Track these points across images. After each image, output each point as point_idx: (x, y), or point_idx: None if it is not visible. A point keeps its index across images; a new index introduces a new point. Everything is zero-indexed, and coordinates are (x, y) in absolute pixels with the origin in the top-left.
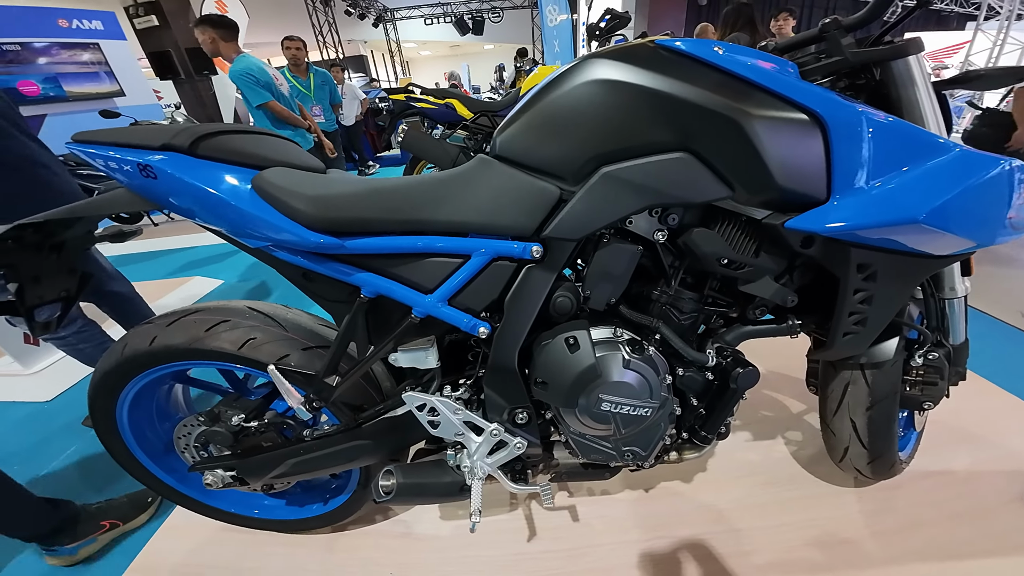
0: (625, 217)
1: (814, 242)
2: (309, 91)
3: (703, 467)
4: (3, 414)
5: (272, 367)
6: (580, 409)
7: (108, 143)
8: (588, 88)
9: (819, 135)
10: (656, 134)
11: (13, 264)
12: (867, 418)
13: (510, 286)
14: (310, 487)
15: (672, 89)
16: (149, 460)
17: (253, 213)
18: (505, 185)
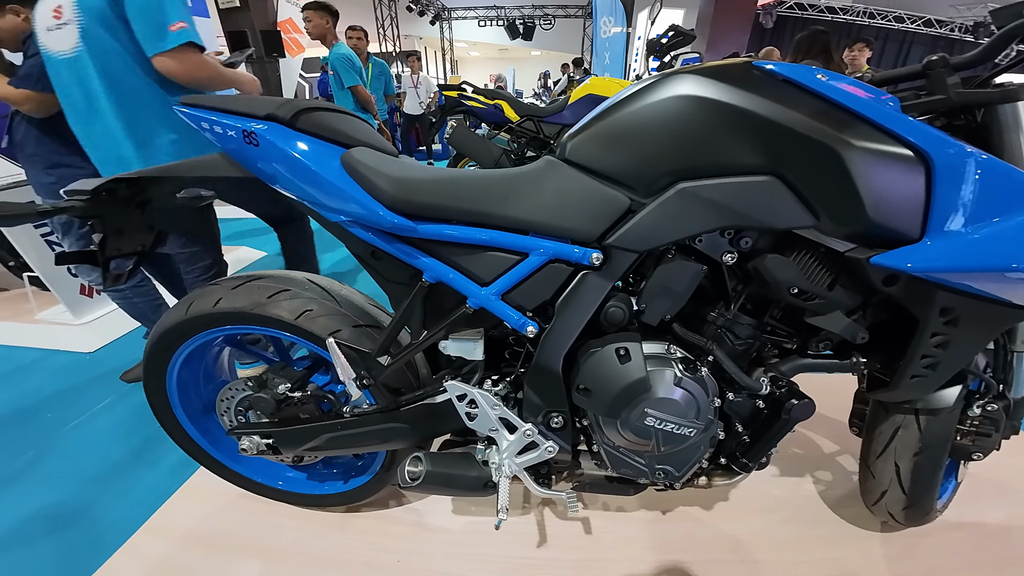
0: (696, 235)
1: (898, 280)
2: (366, 81)
3: (724, 496)
4: (47, 361)
5: (331, 340)
6: (622, 421)
7: (215, 108)
8: (677, 103)
9: (922, 173)
10: (744, 155)
11: (102, 215)
12: (913, 463)
13: (563, 289)
14: (333, 464)
15: (768, 112)
16: (187, 419)
17: (340, 187)
18: (572, 189)
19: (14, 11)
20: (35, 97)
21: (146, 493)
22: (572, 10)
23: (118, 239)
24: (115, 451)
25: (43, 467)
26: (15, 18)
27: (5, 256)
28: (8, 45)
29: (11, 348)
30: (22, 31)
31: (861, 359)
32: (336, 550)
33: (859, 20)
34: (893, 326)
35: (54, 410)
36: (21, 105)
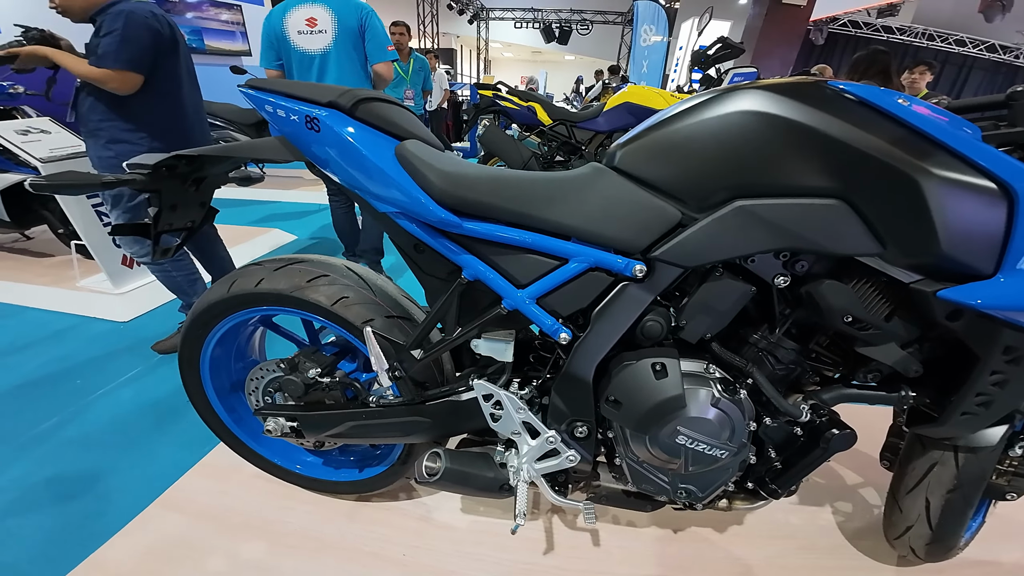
0: (750, 255)
1: (962, 316)
2: (406, 75)
3: (739, 520)
4: (83, 328)
5: (368, 330)
6: (652, 437)
7: (279, 92)
8: (743, 118)
9: (1004, 207)
10: (813, 177)
11: (160, 190)
12: (945, 500)
13: (601, 298)
14: (350, 452)
15: (842, 134)
16: (215, 395)
17: (394, 178)
18: (621, 198)
19: None
20: (118, 76)
21: (164, 466)
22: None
23: (171, 214)
24: (138, 421)
25: (66, 433)
26: None
27: (56, 223)
28: (74, 16)
29: (51, 313)
30: (92, 4)
31: (910, 393)
32: (344, 538)
33: (917, 42)
34: (948, 360)
35: (84, 376)
36: (107, 84)
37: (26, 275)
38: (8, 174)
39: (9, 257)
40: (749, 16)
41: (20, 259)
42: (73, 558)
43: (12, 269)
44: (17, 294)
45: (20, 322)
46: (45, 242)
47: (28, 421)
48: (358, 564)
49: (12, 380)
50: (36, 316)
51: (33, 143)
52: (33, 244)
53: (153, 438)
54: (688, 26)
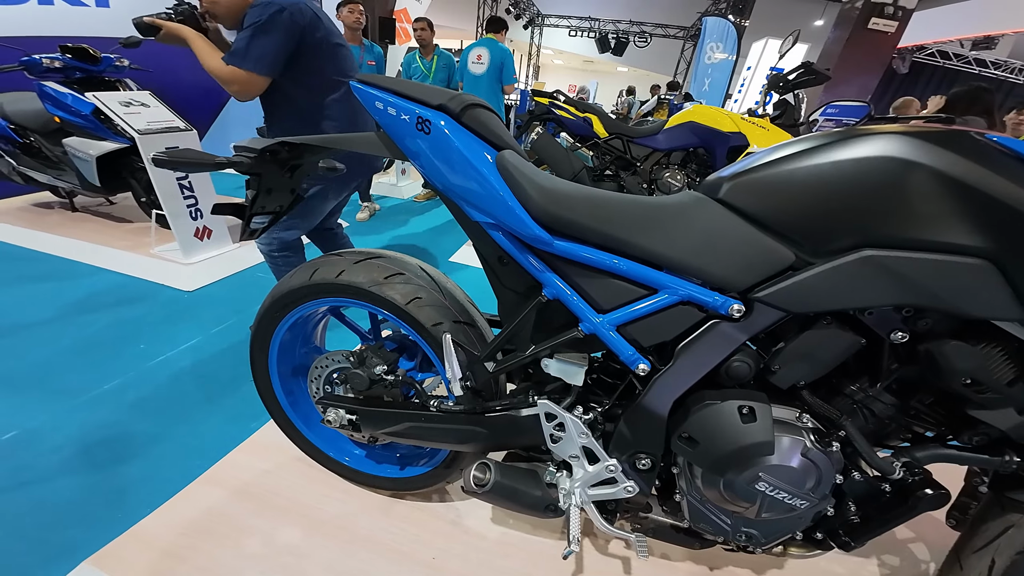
0: (870, 307)
1: None
2: (429, 72)
3: (779, 564)
4: (152, 295)
5: (448, 337)
6: (727, 480)
7: (390, 90)
8: (883, 164)
9: None
10: (958, 234)
11: (261, 174)
12: (1011, 561)
13: (688, 332)
14: (395, 449)
15: (998, 190)
16: (277, 376)
17: (496, 189)
18: (726, 233)
19: None
20: (242, 77)
21: (212, 438)
22: (673, 30)
23: (266, 197)
24: (193, 392)
25: (125, 396)
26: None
27: (140, 192)
28: (226, 21)
29: (124, 276)
30: (240, 8)
31: (1015, 458)
32: (376, 533)
33: (1014, 78)
34: None
35: (147, 341)
36: (229, 85)
37: (106, 238)
38: (106, 142)
39: (92, 220)
40: (828, 40)
41: (103, 222)
42: (119, 523)
43: (94, 231)
44: (95, 256)
45: (95, 282)
46: (127, 208)
47: (91, 380)
48: (388, 561)
49: (81, 338)
50: (110, 278)
51: (133, 115)
52: (115, 209)
53: (206, 409)
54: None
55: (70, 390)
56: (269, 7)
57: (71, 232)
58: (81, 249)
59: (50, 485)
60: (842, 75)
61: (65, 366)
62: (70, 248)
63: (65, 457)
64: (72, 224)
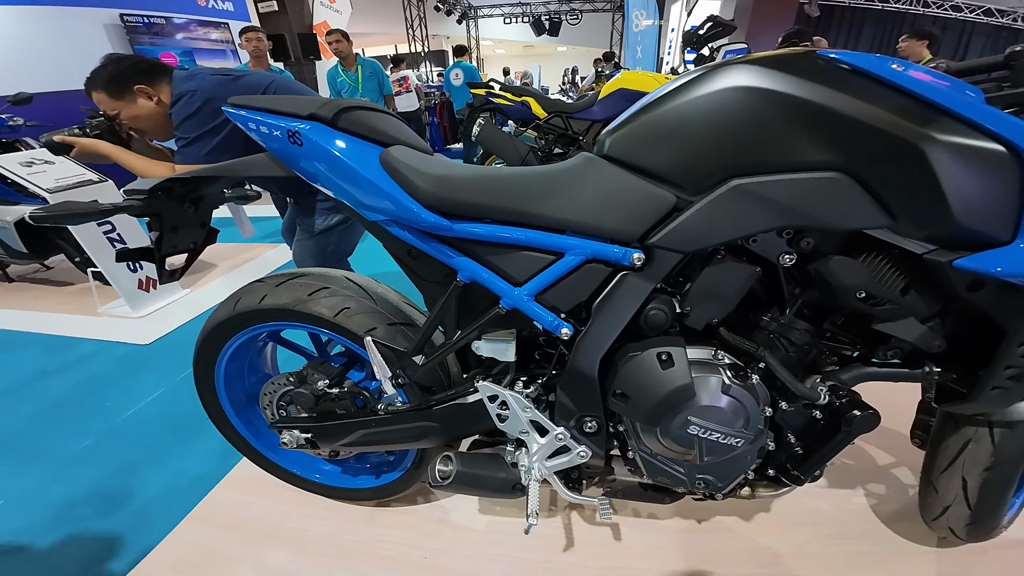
0: (751, 235)
1: (983, 286)
2: (357, 84)
3: (765, 507)
4: (108, 352)
5: (369, 339)
6: (662, 429)
7: (262, 109)
8: (734, 95)
9: (1016, 169)
10: (811, 151)
11: (159, 213)
12: (982, 479)
13: (600, 290)
14: (366, 460)
15: (839, 105)
16: (232, 410)
17: (379, 186)
18: (613, 187)
19: (144, 93)
20: None
21: (194, 480)
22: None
23: (173, 236)
24: (167, 439)
25: (101, 452)
26: (148, 102)
27: (72, 252)
28: (156, 134)
29: (75, 339)
30: (165, 117)
31: (935, 369)
32: (364, 543)
33: (912, 9)
34: (973, 333)
35: (112, 398)
36: None
37: (48, 304)
38: (19, 206)
39: (31, 287)
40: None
41: (41, 289)
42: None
43: (34, 299)
44: (41, 322)
45: (47, 350)
46: (65, 271)
47: (65, 442)
48: (378, 568)
49: (45, 403)
50: (61, 343)
51: (38, 174)
52: (53, 274)
53: (182, 454)
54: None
55: (44, 455)
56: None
57: (10, 303)
58: (24, 319)
59: (43, 547)
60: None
61: (34, 433)
62: (12, 320)
63: (52, 518)
64: (10, 295)
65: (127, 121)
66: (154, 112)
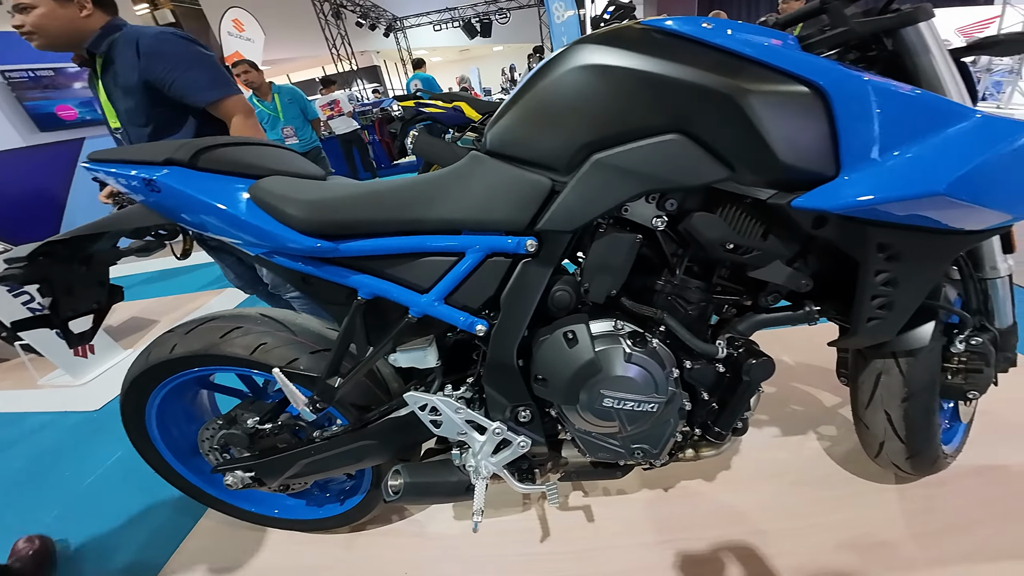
0: (620, 205)
1: (827, 222)
2: (277, 112)
3: (727, 465)
4: (57, 423)
5: (276, 370)
6: (582, 406)
7: (118, 160)
8: (575, 74)
9: (822, 107)
10: (647, 117)
11: (47, 278)
12: (903, 411)
13: (506, 282)
14: (327, 488)
15: (661, 69)
16: (178, 462)
17: (249, 221)
18: (496, 180)
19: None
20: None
21: (167, 534)
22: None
23: (70, 300)
24: (134, 499)
25: (68, 521)
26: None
27: None
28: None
29: (21, 414)
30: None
31: (814, 307)
32: (345, 569)
33: None
34: (840, 270)
35: (72, 467)
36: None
37: None
38: None
39: None
40: None
41: None
42: None
43: None
44: None
45: None
46: None
47: (29, 515)
48: None
49: (3, 482)
50: (6, 419)
51: None
52: None
53: (151, 511)
54: None
55: (11, 530)
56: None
57: None
58: None
59: None
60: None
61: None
62: None
63: None
64: None
65: (39, 17)
66: (73, 30)
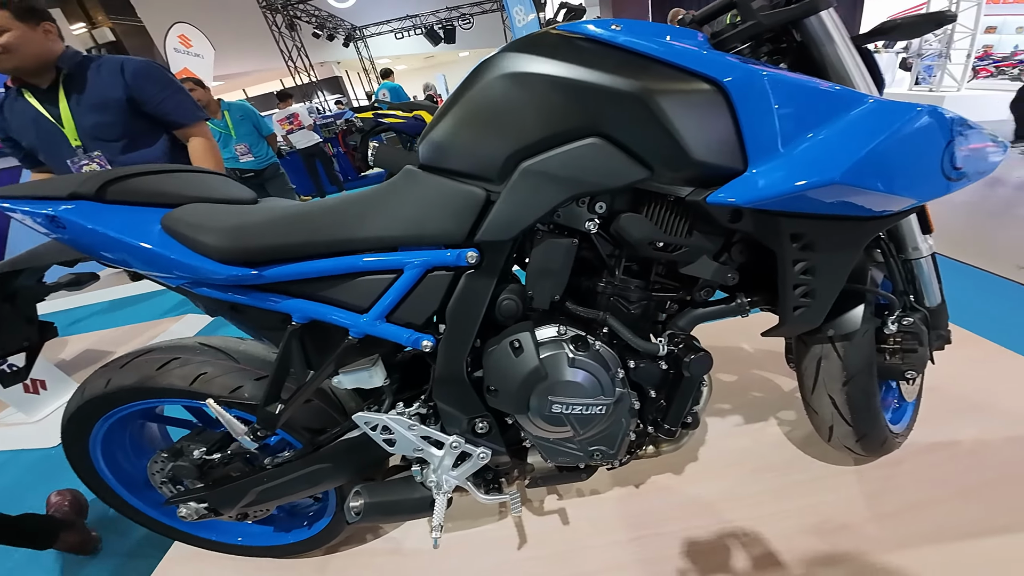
0: (551, 211)
1: (743, 215)
2: (228, 130)
3: (693, 457)
4: (14, 461)
5: (210, 401)
6: (532, 413)
7: (23, 196)
8: (497, 83)
9: (723, 102)
10: (566, 122)
11: None
12: (845, 394)
13: (449, 295)
14: (294, 512)
15: (574, 74)
16: (133, 496)
17: (160, 252)
18: (430, 194)
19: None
20: None
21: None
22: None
23: None
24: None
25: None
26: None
27: None
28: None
29: None
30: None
31: (746, 300)
32: None
33: None
34: (765, 262)
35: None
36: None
37: None
38: None
39: None
40: None
41: None
42: None
43: None
44: None
45: None
46: None
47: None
48: None
49: None
50: None
51: None
52: None
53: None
54: None
55: None
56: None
57: None
58: None
59: None
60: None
61: None
62: None
63: None
64: None
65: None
66: (41, 52)
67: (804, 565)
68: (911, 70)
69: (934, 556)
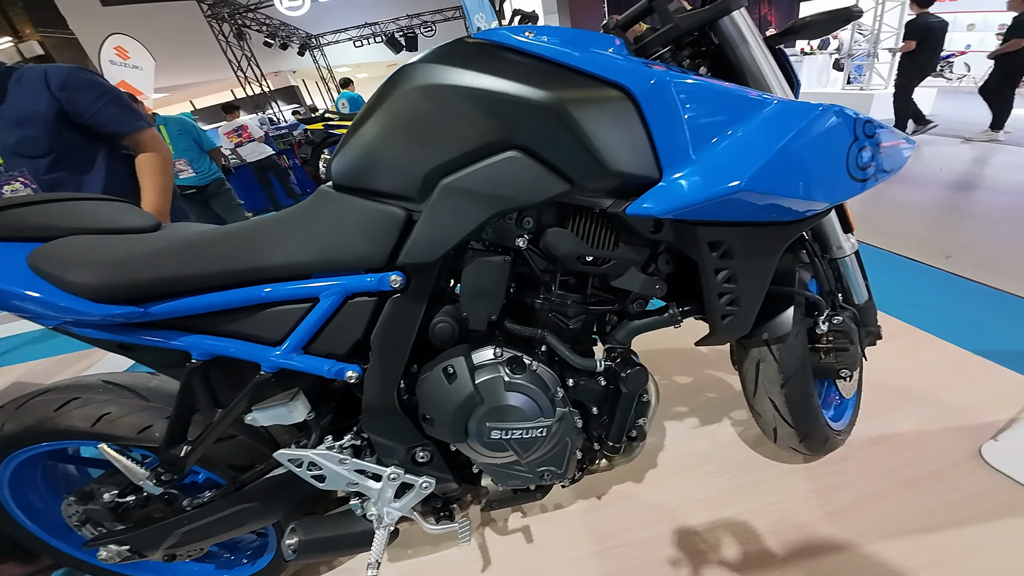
0: (478, 228)
1: (663, 226)
2: None
3: (652, 463)
4: None
5: (103, 446)
6: (472, 440)
7: None
8: (411, 96)
9: (633, 109)
10: (483, 136)
11: None
12: (784, 396)
13: (374, 321)
14: (235, 548)
15: (487, 84)
16: (56, 539)
17: (24, 292)
18: (346, 216)
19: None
20: None
21: None
22: (448, 13)
23: None
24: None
25: None
26: None
27: None
28: None
29: None
30: None
31: (678, 310)
32: None
33: None
34: (692, 271)
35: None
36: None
37: None
38: None
39: None
40: None
41: None
42: None
43: None
44: None
45: None
46: None
47: None
48: None
49: None
50: None
51: None
52: None
53: None
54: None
55: None
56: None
57: None
58: None
59: None
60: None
61: None
62: None
63: None
64: None
65: None
66: None
67: (765, 565)
68: (843, 70)
69: (888, 551)
